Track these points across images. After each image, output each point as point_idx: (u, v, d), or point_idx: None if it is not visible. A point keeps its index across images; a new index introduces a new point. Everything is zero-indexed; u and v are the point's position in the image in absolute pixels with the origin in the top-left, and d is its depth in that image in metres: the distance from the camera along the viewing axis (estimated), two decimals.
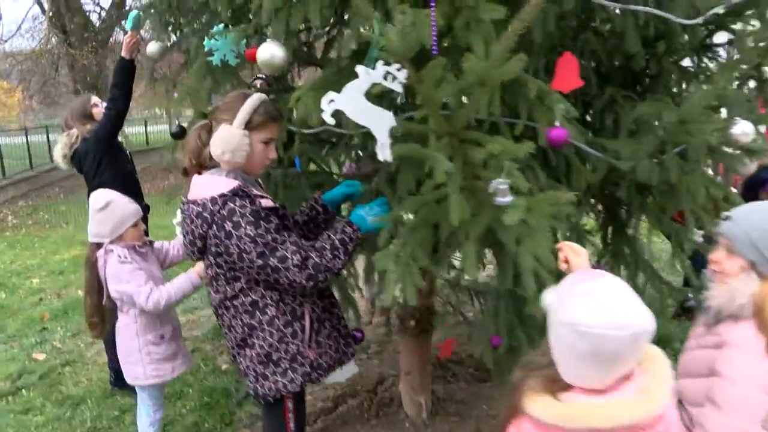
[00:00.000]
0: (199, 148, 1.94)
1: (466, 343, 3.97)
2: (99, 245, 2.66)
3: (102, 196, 2.65)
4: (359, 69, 1.49)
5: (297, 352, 1.99)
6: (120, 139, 3.75)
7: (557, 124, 1.80)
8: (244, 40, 2.21)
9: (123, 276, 2.59)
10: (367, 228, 2.00)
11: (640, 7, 1.96)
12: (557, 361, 1.28)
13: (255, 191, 1.91)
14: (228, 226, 1.81)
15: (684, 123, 1.89)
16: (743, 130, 1.96)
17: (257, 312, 1.95)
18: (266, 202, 1.91)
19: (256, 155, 1.94)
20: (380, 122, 1.53)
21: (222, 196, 1.83)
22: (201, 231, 1.86)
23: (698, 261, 2.26)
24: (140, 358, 2.71)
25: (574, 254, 1.60)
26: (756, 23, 2.16)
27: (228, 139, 1.87)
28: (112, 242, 2.64)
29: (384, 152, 1.57)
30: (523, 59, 1.41)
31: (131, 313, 2.70)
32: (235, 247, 1.81)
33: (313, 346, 2.03)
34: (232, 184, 1.86)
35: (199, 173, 1.96)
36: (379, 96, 1.60)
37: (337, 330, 2.15)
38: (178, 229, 2.78)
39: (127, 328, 2.72)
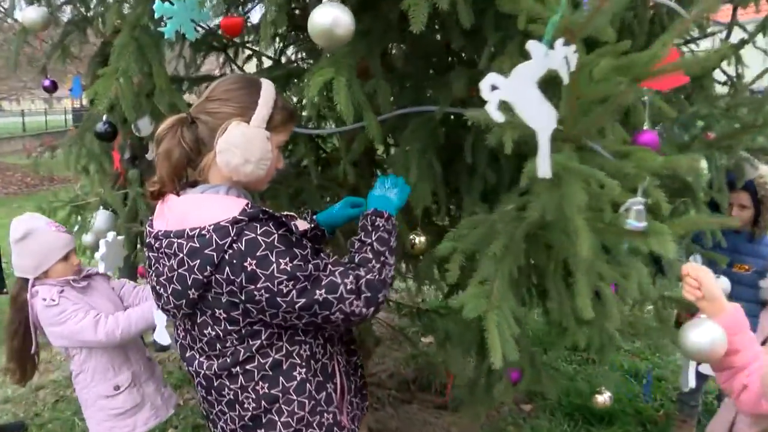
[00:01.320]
0: (183, 155, 1.34)
1: (381, 362, 3.69)
2: (27, 280, 2.16)
3: (21, 223, 2.14)
4: (534, 47, 1.03)
5: (333, 422, 1.46)
6: None
7: (645, 127, 1.52)
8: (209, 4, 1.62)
9: (53, 320, 2.11)
10: (397, 207, 1.55)
11: None
12: None
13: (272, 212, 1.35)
14: (251, 264, 1.23)
15: None
16: None
17: (281, 377, 1.38)
18: (301, 224, 1.37)
19: (270, 165, 1.38)
20: (546, 122, 1.08)
21: (236, 222, 1.25)
22: (201, 277, 1.26)
23: None
24: (92, 414, 2.27)
25: (705, 275, 1.44)
26: None
27: (250, 143, 1.29)
28: (38, 278, 2.14)
29: (544, 165, 1.12)
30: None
31: (76, 359, 2.24)
32: (265, 291, 1.24)
33: (346, 409, 1.53)
34: (241, 203, 1.29)
35: (177, 193, 1.36)
36: None
37: (359, 382, 1.66)
38: (101, 265, 2.07)
39: (75, 379, 2.29)
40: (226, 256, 1.23)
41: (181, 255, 1.27)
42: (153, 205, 1.41)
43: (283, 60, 2.85)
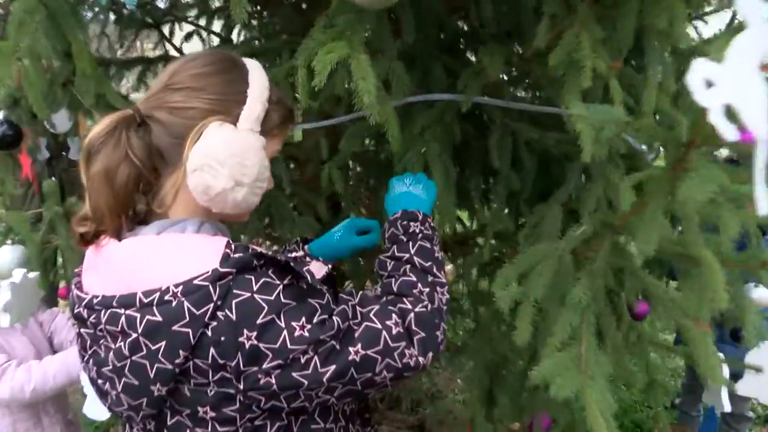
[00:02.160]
0: (132, 176, 0.86)
1: None
2: None
3: None
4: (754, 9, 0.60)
5: None
6: None
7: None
8: None
9: None
10: (430, 206, 1.16)
11: None
12: None
13: (263, 251, 0.87)
14: (250, 339, 0.78)
15: None
16: None
17: None
18: (317, 268, 0.93)
19: (266, 187, 0.93)
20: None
21: (219, 278, 0.79)
22: (170, 366, 0.79)
23: None
24: None
25: None
26: None
27: (242, 156, 0.85)
28: None
29: (763, 197, 0.68)
30: None
31: None
32: (277, 370, 0.81)
33: None
34: (220, 245, 0.83)
35: (118, 236, 0.89)
36: None
37: None
38: (4, 318, 1.52)
39: None
40: (209, 332, 0.78)
41: (135, 335, 0.80)
42: (80, 250, 0.93)
43: (237, 38, 2.34)
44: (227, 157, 0.83)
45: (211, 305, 0.78)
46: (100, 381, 0.87)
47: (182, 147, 0.85)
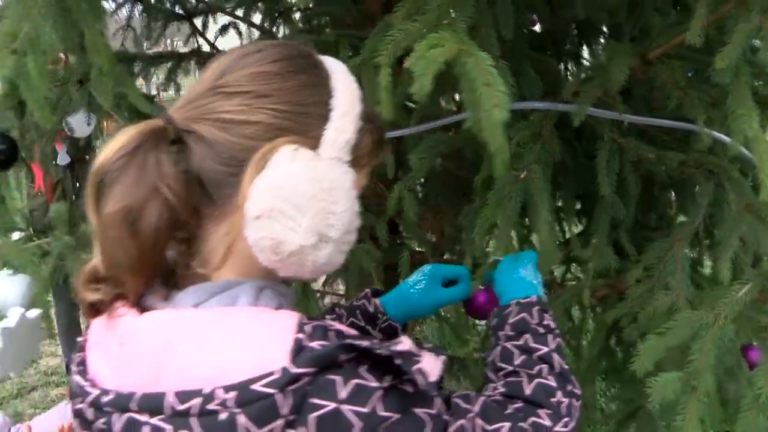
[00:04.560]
0: (165, 221, 0.58)
1: None
2: None
3: None
4: None
5: None
6: None
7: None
8: None
9: None
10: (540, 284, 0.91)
11: None
12: None
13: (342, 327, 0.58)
14: None
15: None
16: None
17: None
18: (431, 363, 0.63)
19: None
20: None
21: (292, 382, 0.51)
22: None
23: None
24: None
25: None
26: None
27: (333, 196, 0.58)
28: None
29: None
30: None
31: None
32: None
33: None
34: (290, 325, 0.55)
35: (135, 303, 0.60)
36: None
37: None
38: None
39: None
40: None
41: None
42: (88, 321, 0.65)
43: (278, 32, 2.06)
44: (308, 200, 0.56)
45: (280, 422, 0.51)
46: None
47: (237, 179, 0.58)
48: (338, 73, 0.63)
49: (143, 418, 0.54)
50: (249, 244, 0.57)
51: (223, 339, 0.55)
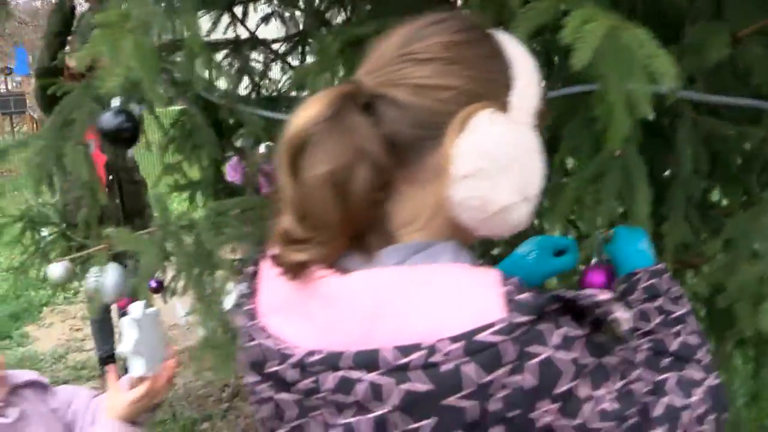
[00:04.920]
0: (375, 183, 0.59)
1: None
2: None
3: None
4: None
5: None
6: None
7: None
8: None
9: None
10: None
11: None
12: None
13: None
14: (543, 418, 0.55)
15: None
16: None
17: None
18: (623, 313, 0.65)
19: None
20: None
21: (514, 329, 0.53)
22: None
23: None
24: None
25: None
26: None
27: (529, 159, 0.62)
28: None
29: None
30: None
31: None
32: None
33: None
34: (490, 278, 0.58)
35: (331, 264, 0.61)
36: None
37: None
38: (138, 365, 1.05)
39: None
40: (494, 405, 0.53)
41: (383, 409, 0.55)
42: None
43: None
44: (511, 161, 0.59)
45: (504, 369, 0.53)
46: None
47: (429, 141, 0.60)
48: (511, 45, 0.66)
49: (357, 374, 0.56)
50: (454, 203, 0.60)
51: (437, 294, 0.57)
